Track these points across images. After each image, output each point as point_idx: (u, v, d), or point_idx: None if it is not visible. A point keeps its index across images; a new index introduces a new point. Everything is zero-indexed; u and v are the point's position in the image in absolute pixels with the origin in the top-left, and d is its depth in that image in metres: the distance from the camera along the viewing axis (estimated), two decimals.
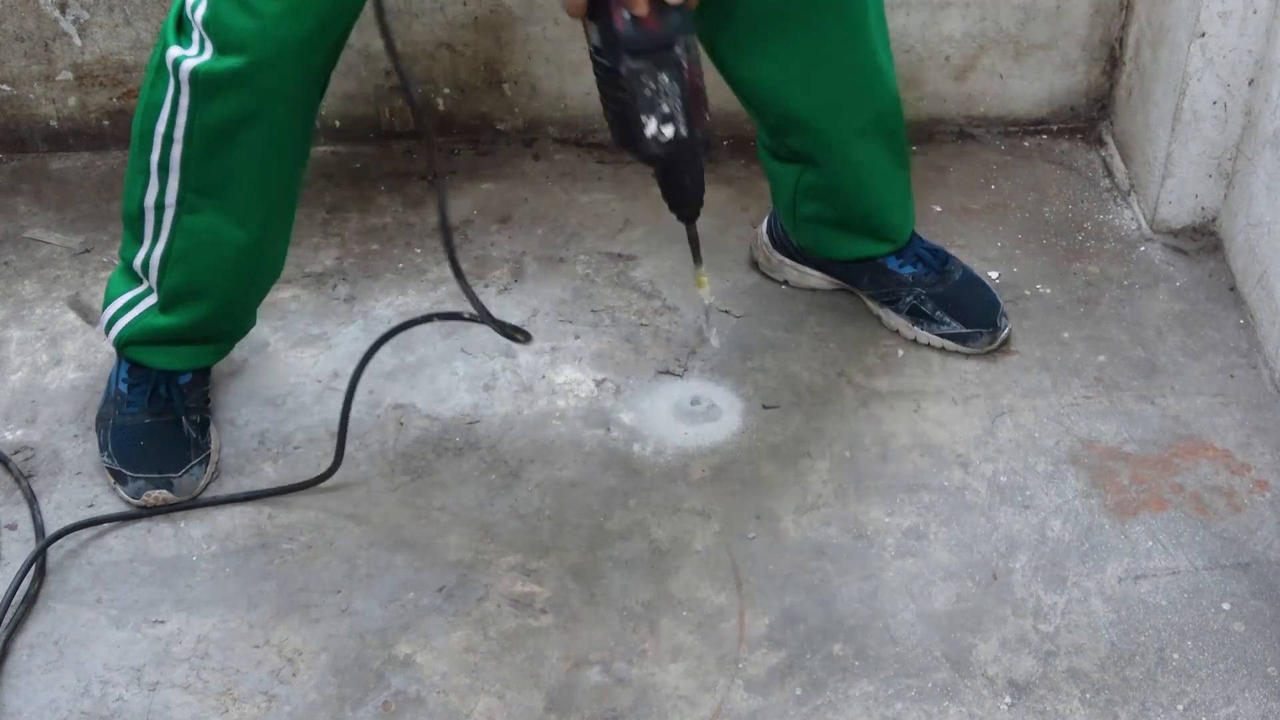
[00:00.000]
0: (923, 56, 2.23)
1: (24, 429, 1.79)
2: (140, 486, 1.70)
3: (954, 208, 2.16)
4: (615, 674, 1.54)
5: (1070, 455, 1.78)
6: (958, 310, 1.89)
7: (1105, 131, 2.29)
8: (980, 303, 1.90)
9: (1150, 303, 2.00)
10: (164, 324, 1.70)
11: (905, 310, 1.91)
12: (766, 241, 2.00)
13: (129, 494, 1.70)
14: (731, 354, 1.91)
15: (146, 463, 1.71)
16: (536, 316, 1.96)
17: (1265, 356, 1.90)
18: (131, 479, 1.70)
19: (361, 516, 1.70)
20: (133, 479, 1.70)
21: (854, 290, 1.96)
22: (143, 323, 1.71)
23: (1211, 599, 1.62)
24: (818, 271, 1.97)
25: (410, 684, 1.53)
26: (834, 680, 1.53)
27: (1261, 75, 1.94)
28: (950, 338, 1.89)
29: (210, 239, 1.63)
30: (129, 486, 1.70)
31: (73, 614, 1.59)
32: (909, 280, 1.90)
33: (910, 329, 1.91)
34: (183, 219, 1.62)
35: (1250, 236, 1.97)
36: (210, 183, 1.59)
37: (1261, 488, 1.74)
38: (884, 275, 1.90)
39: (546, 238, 2.09)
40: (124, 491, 1.71)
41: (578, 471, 1.76)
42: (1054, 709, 1.51)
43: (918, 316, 1.90)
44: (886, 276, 1.90)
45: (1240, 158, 2.01)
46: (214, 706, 1.51)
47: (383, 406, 1.83)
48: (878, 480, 1.75)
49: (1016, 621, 1.59)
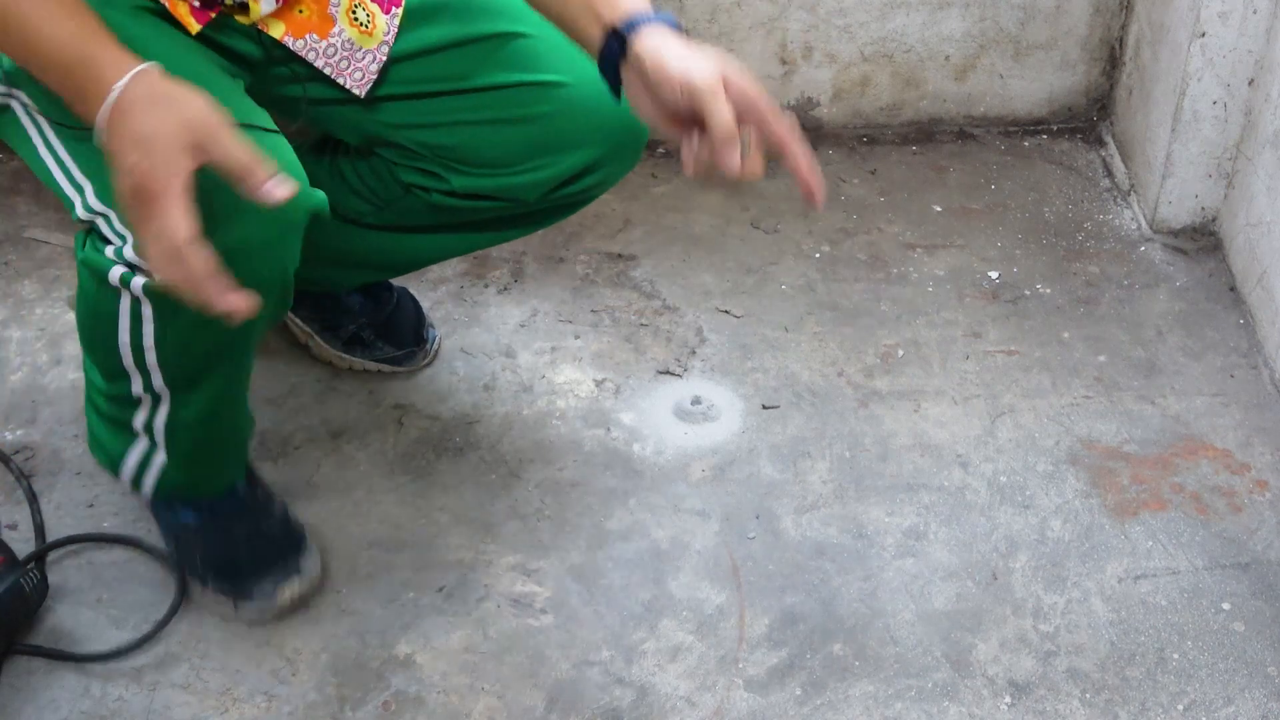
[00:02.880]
0: (923, 56, 2.23)
1: (24, 429, 1.79)
2: (272, 587, 1.57)
3: (954, 208, 2.16)
4: (615, 674, 1.54)
5: (1070, 455, 1.78)
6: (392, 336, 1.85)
7: (1105, 131, 2.29)
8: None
9: (1150, 303, 2.00)
10: (190, 476, 1.56)
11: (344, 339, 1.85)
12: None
13: (261, 602, 1.56)
14: (731, 354, 1.91)
15: (263, 564, 1.57)
16: (536, 316, 1.96)
17: (1265, 356, 1.90)
18: (257, 588, 1.57)
19: (361, 516, 1.70)
20: (258, 587, 1.57)
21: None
22: (167, 479, 1.56)
23: (1211, 599, 1.62)
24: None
25: (410, 684, 1.53)
26: (834, 680, 1.53)
27: (1261, 75, 1.94)
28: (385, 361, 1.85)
29: (216, 406, 1.50)
30: (256, 599, 1.56)
31: (73, 614, 1.59)
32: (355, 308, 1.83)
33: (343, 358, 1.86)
34: (179, 398, 1.47)
35: (1250, 236, 1.97)
36: (201, 370, 1.45)
37: (1261, 488, 1.74)
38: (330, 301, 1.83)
39: (546, 237, 2.09)
40: (252, 609, 1.57)
41: (578, 471, 1.76)
42: (1054, 709, 1.51)
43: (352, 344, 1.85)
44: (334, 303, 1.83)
45: (1240, 158, 2.01)
46: (214, 706, 1.51)
47: (383, 406, 1.83)
48: (878, 480, 1.75)
49: (1016, 621, 1.59)
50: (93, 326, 1.43)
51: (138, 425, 1.51)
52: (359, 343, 1.85)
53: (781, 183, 2.19)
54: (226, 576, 1.57)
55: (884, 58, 2.23)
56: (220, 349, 1.43)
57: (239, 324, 1.27)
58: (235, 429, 1.57)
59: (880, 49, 2.22)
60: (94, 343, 1.46)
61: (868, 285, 2.02)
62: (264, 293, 1.29)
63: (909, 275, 2.04)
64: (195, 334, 1.38)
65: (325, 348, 1.86)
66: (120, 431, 1.53)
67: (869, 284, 2.03)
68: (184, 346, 1.40)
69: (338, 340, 1.85)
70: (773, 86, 2.24)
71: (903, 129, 2.30)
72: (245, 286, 1.21)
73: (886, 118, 2.29)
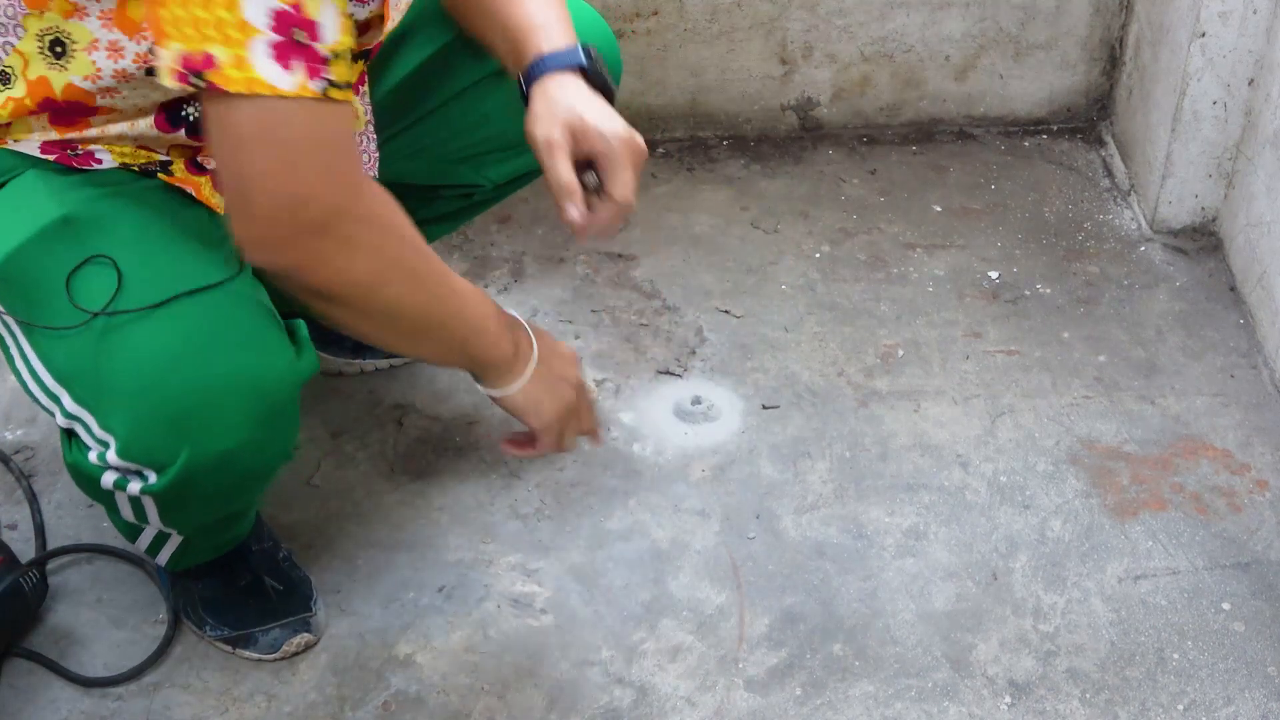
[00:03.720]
0: (923, 56, 2.23)
1: (24, 429, 1.79)
2: (277, 637, 1.54)
3: (954, 208, 2.16)
4: (615, 674, 1.54)
5: (1070, 455, 1.78)
6: None
7: (1105, 131, 2.29)
8: None
9: (1150, 303, 2.00)
10: (205, 548, 1.53)
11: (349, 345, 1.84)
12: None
13: (262, 651, 1.54)
14: (731, 354, 1.91)
15: (268, 612, 1.55)
16: (536, 316, 1.96)
17: (1265, 356, 1.90)
18: (262, 634, 1.54)
19: (361, 516, 1.70)
20: (263, 633, 1.54)
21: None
22: (183, 553, 1.52)
23: (1211, 599, 1.62)
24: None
25: (410, 684, 1.53)
26: (834, 680, 1.53)
27: (1261, 75, 1.94)
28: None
29: (225, 521, 1.49)
30: (260, 644, 1.54)
31: (73, 614, 1.59)
32: None
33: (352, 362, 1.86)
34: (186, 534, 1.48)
35: (1250, 236, 1.97)
36: (209, 524, 1.45)
37: (1261, 488, 1.74)
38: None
39: (546, 238, 2.09)
40: (254, 652, 1.54)
41: (578, 471, 1.76)
42: (1054, 709, 1.51)
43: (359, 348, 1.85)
44: None
45: (1240, 158, 2.01)
46: (214, 706, 1.51)
47: (383, 406, 1.83)
48: (878, 480, 1.75)
49: (1016, 621, 1.59)
50: (93, 496, 1.40)
51: (147, 537, 1.49)
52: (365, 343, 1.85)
53: (781, 183, 2.20)
54: (228, 624, 1.55)
55: (884, 58, 2.23)
56: (227, 510, 1.43)
57: (244, 499, 1.39)
58: (247, 506, 1.53)
59: (880, 49, 2.22)
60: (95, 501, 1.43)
61: (868, 285, 2.02)
62: (264, 479, 1.38)
63: (909, 275, 2.04)
64: (200, 515, 1.39)
65: (332, 360, 1.85)
66: (131, 526, 1.50)
67: (869, 284, 2.03)
68: (189, 522, 1.42)
69: (342, 349, 1.85)
70: (773, 86, 2.24)
71: (903, 129, 2.30)
72: (244, 480, 1.32)
73: (886, 118, 2.30)
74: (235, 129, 1.09)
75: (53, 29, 1.21)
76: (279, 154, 1.10)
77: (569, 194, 1.33)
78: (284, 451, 1.34)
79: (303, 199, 1.11)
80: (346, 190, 1.15)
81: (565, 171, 1.33)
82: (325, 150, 1.13)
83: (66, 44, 1.21)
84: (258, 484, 1.41)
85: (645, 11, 2.16)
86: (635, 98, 2.23)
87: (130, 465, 1.28)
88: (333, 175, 1.13)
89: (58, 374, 1.28)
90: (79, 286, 1.23)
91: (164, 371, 1.22)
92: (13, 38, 1.23)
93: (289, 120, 1.09)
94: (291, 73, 1.07)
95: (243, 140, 1.09)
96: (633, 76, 2.20)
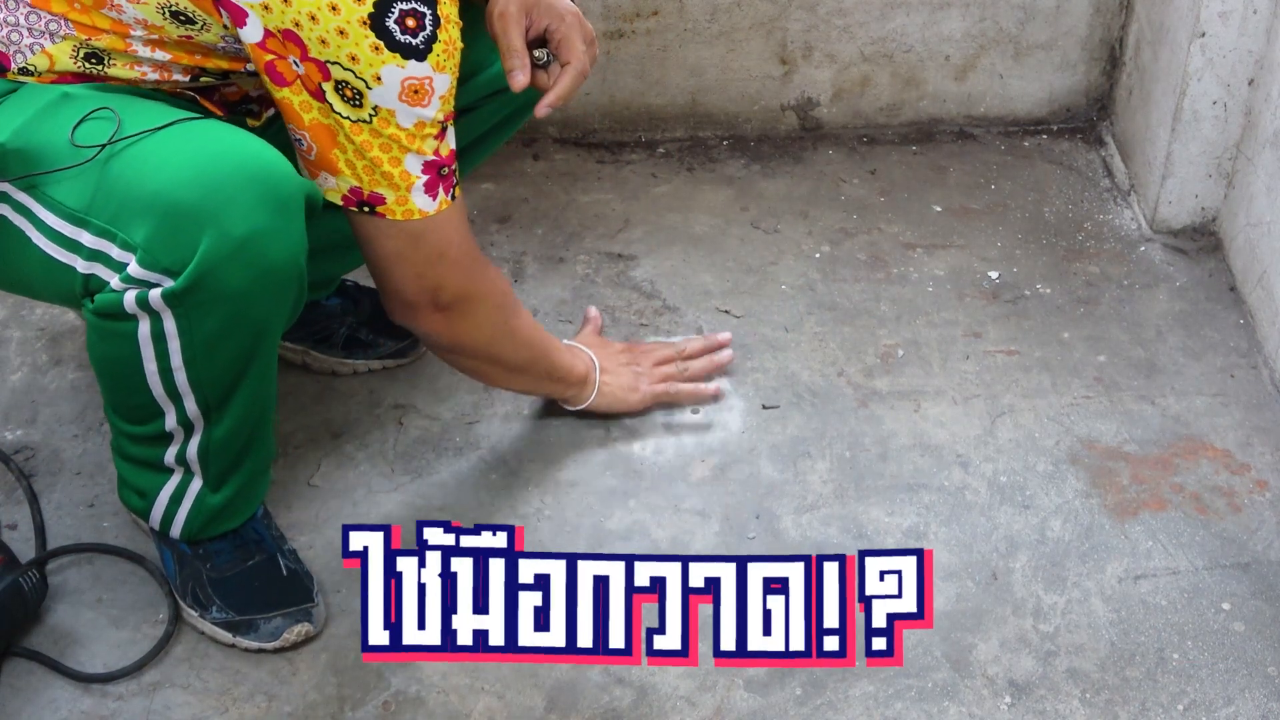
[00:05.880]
0: (923, 56, 2.23)
1: (24, 429, 1.79)
2: (279, 625, 1.55)
3: (954, 208, 2.16)
4: (615, 674, 1.54)
5: (1070, 455, 1.78)
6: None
7: (1105, 131, 2.29)
8: None
9: (1150, 303, 2.00)
10: (223, 498, 1.54)
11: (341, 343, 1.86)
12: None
13: (263, 639, 1.54)
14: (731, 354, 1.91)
15: (272, 600, 1.56)
16: (536, 316, 1.96)
17: (1265, 356, 1.90)
18: (264, 621, 1.55)
19: (362, 516, 1.70)
20: (265, 620, 1.55)
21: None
22: (200, 508, 1.54)
23: (1211, 599, 1.62)
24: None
25: (410, 684, 1.53)
26: (834, 680, 1.53)
27: (1261, 75, 1.94)
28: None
29: (248, 418, 1.48)
30: (262, 631, 1.55)
31: (73, 614, 1.59)
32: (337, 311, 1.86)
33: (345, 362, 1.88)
34: (213, 418, 1.46)
35: (1250, 236, 1.97)
36: (232, 380, 1.43)
37: (1261, 488, 1.74)
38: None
39: (546, 238, 2.09)
40: (253, 640, 1.55)
41: (578, 471, 1.76)
42: (1054, 709, 1.51)
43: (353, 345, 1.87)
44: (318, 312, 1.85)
45: (1240, 158, 2.01)
46: (214, 706, 1.51)
47: (383, 406, 1.83)
48: (878, 480, 1.75)
49: (1016, 621, 1.59)
50: (115, 374, 1.43)
51: (170, 460, 1.50)
52: (358, 344, 1.85)
53: (781, 182, 2.20)
54: (233, 607, 1.55)
55: (884, 58, 2.23)
56: (246, 352, 1.41)
57: (262, 316, 1.37)
58: (263, 449, 1.54)
59: (880, 49, 2.22)
60: (119, 389, 1.45)
61: (868, 285, 2.02)
62: (280, 282, 1.35)
63: (909, 275, 2.04)
64: (221, 338, 1.38)
65: (323, 359, 1.85)
66: (151, 471, 1.52)
67: (869, 284, 2.03)
68: (211, 355, 1.39)
69: (334, 348, 1.85)
70: (773, 86, 2.24)
71: (903, 129, 2.30)
72: (261, 277, 1.32)
73: (886, 118, 2.30)
74: (392, 241, 1.43)
75: (86, 43, 1.36)
76: (425, 256, 1.45)
77: (516, 55, 1.47)
78: (295, 254, 1.35)
79: (439, 287, 1.48)
80: (470, 276, 1.51)
81: (516, 39, 1.47)
82: (454, 246, 1.46)
83: (104, 57, 1.37)
84: (273, 300, 1.37)
85: (645, 11, 2.16)
86: (635, 98, 2.23)
87: (151, 275, 1.31)
88: (460, 265, 1.48)
89: (71, 215, 1.33)
90: (82, 136, 1.33)
91: (178, 169, 1.29)
92: (46, 40, 1.33)
93: (433, 231, 1.43)
94: (436, 199, 1.42)
95: (400, 251, 1.44)
96: (633, 76, 2.21)
